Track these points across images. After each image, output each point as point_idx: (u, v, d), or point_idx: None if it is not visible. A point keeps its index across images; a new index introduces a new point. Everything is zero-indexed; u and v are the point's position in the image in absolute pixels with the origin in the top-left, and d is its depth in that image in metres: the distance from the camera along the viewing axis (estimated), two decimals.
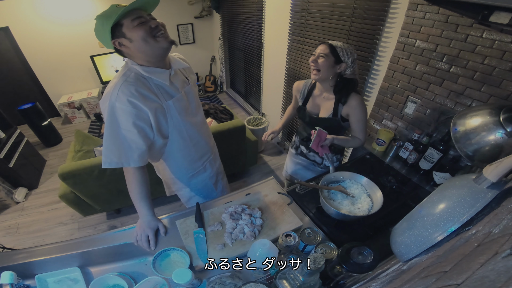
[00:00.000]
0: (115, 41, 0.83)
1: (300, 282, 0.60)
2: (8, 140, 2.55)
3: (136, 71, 0.88)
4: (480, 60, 1.09)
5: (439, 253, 0.51)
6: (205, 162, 1.23)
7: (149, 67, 0.88)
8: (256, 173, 2.76)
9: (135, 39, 0.82)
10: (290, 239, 0.83)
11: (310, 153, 1.46)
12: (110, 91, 0.84)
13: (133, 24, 0.80)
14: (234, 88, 4.56)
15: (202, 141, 1.17)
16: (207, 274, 0.84)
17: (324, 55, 1.08)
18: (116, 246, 0.94)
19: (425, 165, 1.31)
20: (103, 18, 0.79)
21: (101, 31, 0.81)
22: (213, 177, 1.31)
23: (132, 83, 0.84)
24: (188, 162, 1.16)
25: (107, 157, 0.87)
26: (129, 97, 0.82)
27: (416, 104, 1.41)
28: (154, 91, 0.90)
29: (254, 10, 2.89)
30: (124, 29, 0.81)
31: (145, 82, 0.88)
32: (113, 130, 0.85)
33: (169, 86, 0.94)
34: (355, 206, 1.00)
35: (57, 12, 3.39)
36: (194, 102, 1.08)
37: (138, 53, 0.85)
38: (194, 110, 1.09)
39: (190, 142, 1.09)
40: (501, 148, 0.77)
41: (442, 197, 0.60)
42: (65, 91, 4.00)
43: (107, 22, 0.78)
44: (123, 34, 0.82)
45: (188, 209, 1.08)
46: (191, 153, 1.14)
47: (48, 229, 2.22)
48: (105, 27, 0.79)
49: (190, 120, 1.05)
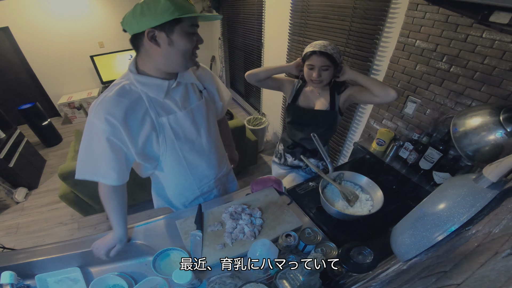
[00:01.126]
0: (153, 31, 0.68)
1: (300, 282, 0.60)
2: (8, 140, 2.55)
3: (130, 80, 0.77)
4: (480, 60, 1.09)
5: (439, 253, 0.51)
6: (203, 186, 1.09)
7: (147, 76, 0.78)
8: (256, 173, 2.76)
9: (178, 45, 0.71)
10: (290, 239, 0.83)
11: (295, 161, 1.39)
12: (92, 105, 0.75)
13: (188, 30, 0.71)
14: (234, 88, 4.56)
15: (202, 166, 1.01)
16: (207, 274, 0.84)
17: (327, 66, 1.05)
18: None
19: (425, 165, 1.31)
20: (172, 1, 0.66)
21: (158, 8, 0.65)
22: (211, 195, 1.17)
23: (114, 100, 0.74)
24: (181, 188, 1.05)
25: (81, 170, 0.82)
26: (107, 115, 0.72)
27: (416, 104, 1.41)
28: (144, 106, 0.79)
29: (254, 10, 2.88)
30: (177, 29, 0.69)
31: (134, 96, 0.77)
32: (90, 146, 0.78)
33: (164, 100, 0.81)
34: (355, 205, 1.00)
35: (57, 11, 3.40)
36: (204, 122, 0.93)
37: (160, 58, 0.74)
38: (202, 132, 0.93)
39: (187, 167, 0.96)
40: (501, 148, 0.76)
41: (442, 197, 0.60)
42: (65, 91, 4.00)
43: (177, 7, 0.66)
44: (170, 32, 0.69)
45: (188, 209, 1.08)
46: (187, 179, 1.01)
47: (48, 229, 2.22)
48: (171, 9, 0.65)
49: (191, 144, 0.92)
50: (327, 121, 1.21)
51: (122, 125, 0.75)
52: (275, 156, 1.51)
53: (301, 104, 1.24)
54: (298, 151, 1.35)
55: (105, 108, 0.73)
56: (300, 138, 1.32)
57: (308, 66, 1.08)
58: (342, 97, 1.16)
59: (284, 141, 1.42)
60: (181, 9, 0.67)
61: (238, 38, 3.55)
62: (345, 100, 1.17)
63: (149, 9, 0.66)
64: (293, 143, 1.36)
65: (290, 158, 1.41)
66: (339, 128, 2.06)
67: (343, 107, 1.20)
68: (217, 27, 4.22)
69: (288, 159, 1.42)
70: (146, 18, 0.67)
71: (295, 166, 1.42)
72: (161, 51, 0.72)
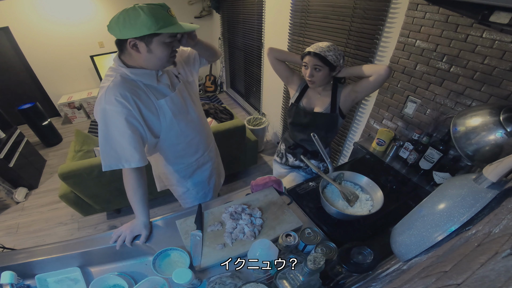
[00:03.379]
0: (133, 41, 0.78)
1: (300, 282, 0.60)
2: (8, 140, 2.55)
3: (123, 73, 0.86)
4: (480, 60, 1.09)
5: (439, 253, 0.51)
6: (199, 158, 1.21)
7: (137, 68, 0.87)
8: (256, 173, 2.76)
9: (155, 53, 0.81)
10: (290, 239, 0.83)
11: (296, 162, 1.41)
12: (99, 96, 0.83)
13: (165, 40, 0.80)
14: (234, 88, 4.56)
15: (196, 138, 1.14)
16: (207, 274, 0.84)
17: (319, 67, 1.07)
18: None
19: (425, 165, 1.31)
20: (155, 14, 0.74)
21: (138, 22, 0.73)
22: (207, 172, 1.29)
23: (119, 85, 0.82)
24: (180, 158, 1.15)
25: (106, 160, 0.87)
26: (117, 97, 0.80)
27: (416, 104, 1.41)
28: (144, 90, 0.89)
29: (254, 10, 2.89)
30: (155, 40, 0.78)
31: (133, 83, 0.86)
32: (108, 132, 0.84)
33: (158, 86, 0.92)
34: (355, 205, 1.00)
35: (57, 12, 3.40)
36: (189, 99, 1.06)
37: (141, 61, 0.84)
38: (190, 107, 1.07)
39: (183, 140, 1.08)
40: (501, 148, 0.76)
41: (442, 197, 0.60)
42: (65, 91, 4.01)
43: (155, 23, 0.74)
44: (149, 43, 0.79)
45: (189, 209, 1.08)
46: (185, 150, 1.12)
47: (48, 229, 2.22)
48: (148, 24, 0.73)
49: (185, 118, 1.04)
50: (327, 123, 1.21)
51: (132, 106, 0.83)
52: (277, 155, 1.51)
53: (303, 105, 1.25)
54: (299, 151, 1.36)
55: (114, 93, 0.81)
56: (301, 139, 1.33)
57: (303, 64, 1.12)
58: (342, 94, 1.16)
59: (286, 141, 1.42)
60: (159, 24, 0.75)
61: (238, 38, 3.55)
62: (345, 97, 1.16)
63: (130, 21, 0.74)
64: (294, 144, 1.37)
65: (291, 158, 1.41)
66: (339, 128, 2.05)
67: (344, 107, 1.18)
68: (217, 27, 4.22)
69: (289, 159, 1.42)
70: (127, 29, 0.75)
71: (296, 166, 1.43)
72: (142, 56, 0.82)
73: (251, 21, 3.01)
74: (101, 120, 0.83)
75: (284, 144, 1.43)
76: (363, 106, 1.80)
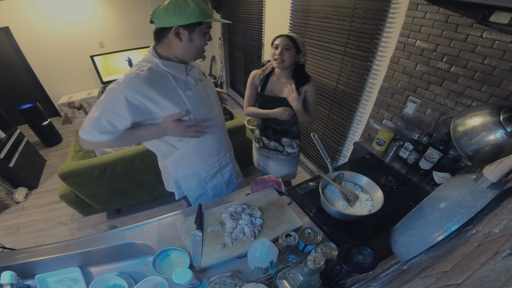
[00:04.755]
0: (178, 28, 0.83)
1: (300, 282, 0.60)
2: (8, 140, 2.55)
3: (154, 64, 0.89)
4: (480, 60, 1.09)
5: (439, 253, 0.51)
6: (221, 159, 1.22)
7: (169, 61, 0.91)
8: (256, 173, 2.76)
9: (195, 42, 0.87)
10: (290, 239, 0.83)
11: (271, 143, 1.56)
12: (120, 79, 0.84)
13: (205, 30, 0.87)
14: (234, 88, 4.56)
15: (220, 135, 1.16)
16: (207, 274, 0.84)
17: (289, 47, 1.22)
18: (116, 246, 0.94)
19: (425, 165, 1.31)
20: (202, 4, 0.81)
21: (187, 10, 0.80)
22: (227, 175, 1.29)
23: (146, 76, 0.84)
24: (203, 158, 1.14)
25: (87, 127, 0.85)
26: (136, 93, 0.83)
27: (416, 104, 1.41)
28: (172, 82, 0.92)
29: (254, 10, 2.88)
30: (197, 29, 0.85)
31: (161, 75, 0.89)
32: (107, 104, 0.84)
33: (187, 78, 0.96)
34: (355, 205, 1.00)
35: (57, 12, 3.39)
36: (212, 95, 1.10)
37: (179, 50, 0.88)
38: (213, 102, 1.10)
39: (209, 136, 1.10)
40: (501, 148, 0.76)
41: (442, 197, 0.60)
42: (65, 91, 4.00)
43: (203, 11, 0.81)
44: (192, 31, 0.85)
45: (189, 209, 1.08)
46: (209, 147, 1.13)
47: (48, 229, 2.22)
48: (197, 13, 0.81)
49: (210, 112, 1.07)
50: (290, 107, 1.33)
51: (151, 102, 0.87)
52: (255, 141, 1.68)
53: (268, 93, 1.40)
54: (270, 132, 1.54)
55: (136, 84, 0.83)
56: (267, 120, 1.50)
57: (274, 46, 1.26)
58: (303, 90, 1.32)
59: (259, 126, 1.60)
60: (204, 14, 0.83)
61: (238, 38, 3.55)
62: (303, 94, 1.32)
63: (180, 9, 0.80)
64: (264, 126, 1.55)
65: (266, 141, 1.58)
66: (339, 128, 2.06)
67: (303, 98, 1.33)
68: (217, 27, 4.22)
69: (265, 142, 1.59)
70: (176, 17, 0.81)
71: (273, 149, 1.59)
72: (182, 44, 0.87)
73: (251, 21, 3.01)
74: (108, 94, 0.84)
75: (258, 129, 1.61)
76: (363, 106, 1.80)
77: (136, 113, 0.87)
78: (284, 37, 1.23)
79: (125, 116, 0.85)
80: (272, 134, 1.53)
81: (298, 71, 1.33)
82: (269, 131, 1.54)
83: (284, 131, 1.50)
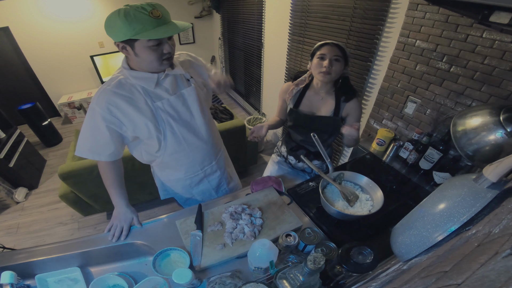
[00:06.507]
0: (121, 44, 0.80)
1: (300, 282, 0.60)
2: (8, 140, 2.55)
3: (125, 75, 0.90)
4: (480, 60, 1.09)
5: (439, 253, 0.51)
6: (205, 167, 1.18)
7: (138, 71, 0.89)
8: (256, 173, 2.76)
9: (142, 56, 0.82)
10: (290, 239, 0.83)
11: (299, 164, 1.39)
12: (95, 94, 0.88)
13: (148, 44, 0.78)
14: (234, 88, 4.56)
15: (202, 146, 1.10)
16: (207, 274, 0.84)
17: (338, 57, 1.03)
18: (116, 246, 0.94)
19: (425, 165, 1.31)
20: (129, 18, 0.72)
21: (116, 27, 0.74)
22: (215, 182, 1.26)
23: (113, 91, 0.86)
24: (185, 166, 1.12)
25: (81, 147, 0.92)
26: (108, 104, 0.86)
27: (416, 104, 1.41)
28: (141, 93, 0.90)
29: (254, 10, 2.88)
30: (137, 45, 0.79)
31: (130, 87, 0.89)
32: (90, 126, 0.90)
33: (155, 89, 0.92)
34: (355, 205, 1.00)
35: (57, 11, 3.39)
36: (196, 104, 1.01)
37: (134, 62, 0.87)
38: (195, 113, 1.03)
39: (187, 147, 1.05)
40: (501, 148, 0.77)
41: (442, 197, 0.60)
42: (65, 91, 4.00)
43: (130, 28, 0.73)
44: (133, 47, 0.79)
45: (188, 209, 1.08)
46: (189, 157, 1.09)
47: (48, 229, 2.22)
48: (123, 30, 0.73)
49: (186, 123, 1.02)
50: (331, 127, 1.20)
51: (121, 113, 0.87)
52: (277, 155, 1.48)
53: (304, 110, 1.21)
54: (301, 153, 1.34)
55: (105, 98, 0.86)
56: (301, 140, 1.32)
57: (319, 56, 1.05)
58: (346, 107, 1.15)
59: (287, 143, 1.40)
60: (135, 29, 0.73)
61: (238, 38, 3.55)
62: (346, 113, 1.16)
63: (110, 25, 0.76)
64: (296, 145, 1.35)
65: (293, 161, 1.40)
66: None
67: (344, 115, 1.18)
68: (217, 27, 4.22)
69: (291, 162, 1.41)
70: (110, 33, 0.78)
71: (300, 169, 1.42)
72: (131, 58, 0.85)
73: (251, 21, 3.01)
74: (88, 115, 0.89)
75: (285, 146, 1.41)
76: (363, 106, 1.80)
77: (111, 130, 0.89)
78: (332, 46, 1.03)
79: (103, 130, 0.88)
80: (304, 155, 1.28)
81: (345, 85, 1.14)
82: (299, 151, 1.34)
83: (317, 153, 1.30)
